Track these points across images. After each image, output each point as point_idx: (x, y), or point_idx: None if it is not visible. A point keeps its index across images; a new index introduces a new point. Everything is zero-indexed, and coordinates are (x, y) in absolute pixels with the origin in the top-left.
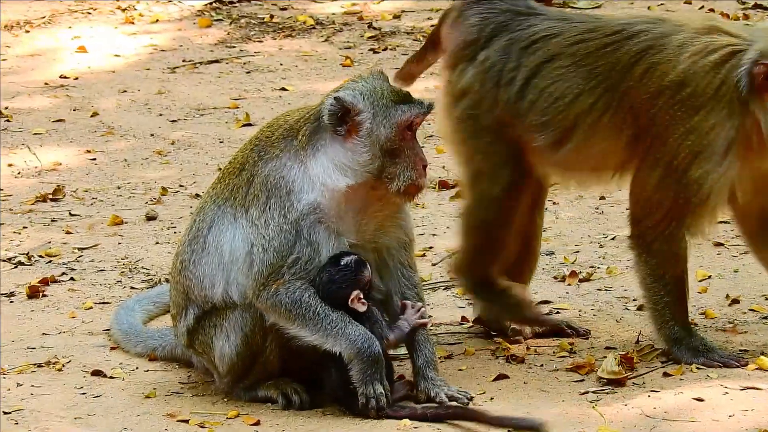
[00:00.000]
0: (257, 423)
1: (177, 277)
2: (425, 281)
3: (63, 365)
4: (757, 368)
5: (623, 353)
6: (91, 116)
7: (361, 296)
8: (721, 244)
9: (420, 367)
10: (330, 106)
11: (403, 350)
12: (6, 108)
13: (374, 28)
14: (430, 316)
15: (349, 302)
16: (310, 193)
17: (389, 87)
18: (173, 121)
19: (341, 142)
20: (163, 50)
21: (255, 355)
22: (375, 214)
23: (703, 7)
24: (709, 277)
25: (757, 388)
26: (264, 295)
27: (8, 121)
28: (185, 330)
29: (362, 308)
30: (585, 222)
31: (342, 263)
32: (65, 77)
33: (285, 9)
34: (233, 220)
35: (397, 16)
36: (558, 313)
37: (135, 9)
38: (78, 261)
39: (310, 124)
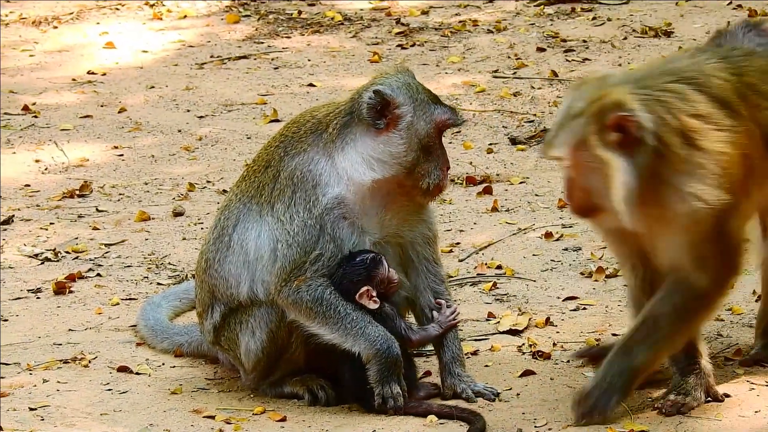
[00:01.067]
0: (283, 419)
1: (202, 276)
2: (452, 277)
3: (89, 361)
4: None
5: None
6: (119, 112)
7: (374, 294)
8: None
9: (447, 362)
10: (369, 100)
11: (429, 346)
12: (33, 104)
13: (402, 24)
14: (458, 313)
15: (357, 297)
16: (335, 186)
17: (421, 85)
18: (200, 117)
19: (373, 136)
20: (190, 46)
21: (280, 351)
22: (398, 209)
23: (731, 2)
24: None
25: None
26: (285, 291)
27: (36, 117)
28: (211, 327)
29: (373, 305)
30: None
31: (357, 259)
32: (93, 73)
33: (313, 5)
34: (258, 217)
35: (425, 12)
36: (585, 309)
37: (163, 5)
38: (105, 257)
39: (341, 117)
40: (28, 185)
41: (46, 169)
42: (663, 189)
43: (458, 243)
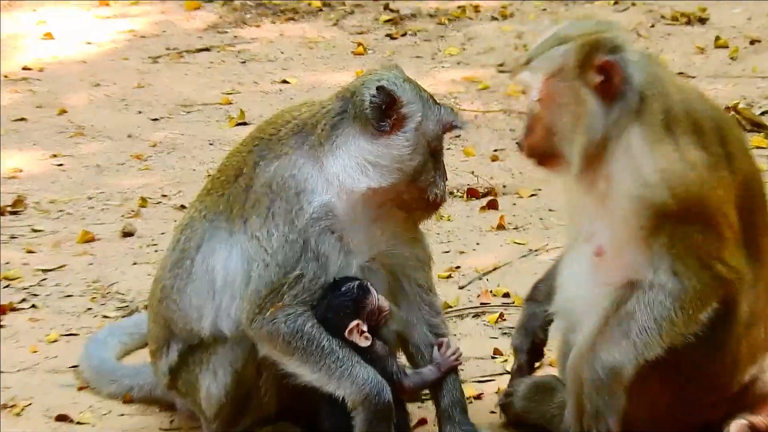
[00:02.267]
0: None
1: (157, 308)
2: (451, 307)
3: (22, 409)
4: None
5: None
6: (58, 114)
7: (364, 328)
8: None
9: (445, 408)
10: (373, 98)
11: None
12: None
13: (391, 10)
14: (459, 351)
15: (346, 333)
16: (323, 193)
17: (419, 86)
18: (154, 119)
19: (371, 138)
20: (143, 37)
21: (248, 395)
22: (390, 226)
23: None
24: None
25: None
26: (259, 321)
27: None
28: (167, 368)
29: (364, 342)
30: None
31: (342, 289)
32: (28, 69)
33: None
34: (228, 236)
35: None
36: None
37: None
38: (41, 285)
39: (331, 118)
40: None
41: None
42: (618, 159)
43: (458, 267)
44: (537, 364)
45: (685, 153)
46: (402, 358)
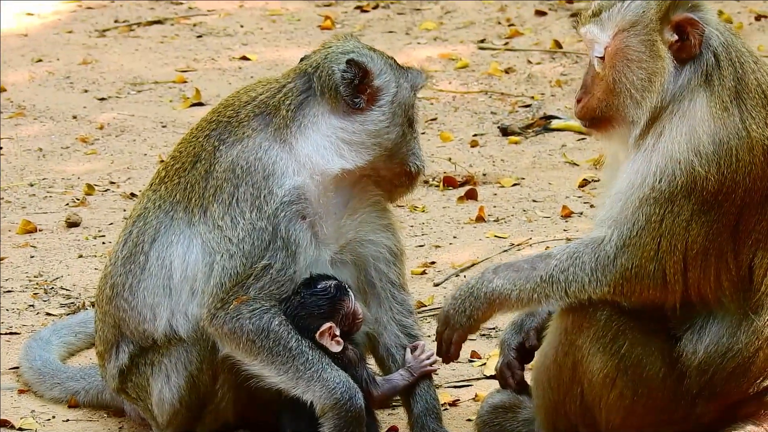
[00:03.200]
0: None
1: (106, 307)
2: (425, 306)
3: None
4: None
5: None
6: None
7: (337, 332)
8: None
9: (418, 415)
10: (345, 73)
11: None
12: None
13: None
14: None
15: (317, 335)
16: (295, 176)
17: (379, 51)
18: (102, 99)
19: (343, 116)
20: (89, 8)
21: (203, 400)
22: (362, 210)
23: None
24: None
25: None
26: (221, 316)
27: None
28: (116, 371)
29: (335, 347)
30: None
31: (319, 287)
32: None
33: None
34: (187, 227)
35: None
36: None
37: None
38: None
39: (295, 97)
40: None
41: None
42: (677, 120)
43: (433, 262)
44: (529, 366)
45: (750, 129)
46: (371, 361)
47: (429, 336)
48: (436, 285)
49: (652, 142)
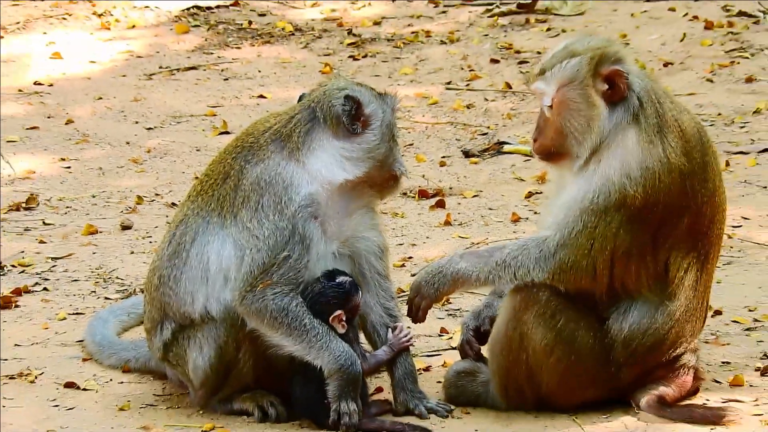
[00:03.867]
0: None
1: (154, 294)
2: (404, 292)
3: (36, 377)
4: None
5: None
6: (66, 123)
7: (344, 318)
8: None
9: (399, 378)
10: (344, 106)
11: None
12: None
13: (354, 35)
14: (411, 334)
15: (330, 319)
16: (309, 185)
17: (362, 83)
18: (149, 128)
19: (344, 138)
20: (139, 56)
21: (228, 367)
22: (357, 212)
23: (687, 14)
24: None
25: (739, 401)
26: (250, 297)
27: None
28: (161, 344)
29: (341, 330)
30: None
31: (337, 281)
32: (39, 84)
33: (264, 15)
34: (221, 229)
35: (377, 23)
36: None
37: (111, 14)
38: (52, 271)
39: (303, 125)
40: None
41: None
42: (612, 150)
43: (410, 257)
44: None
45: (670, 156)
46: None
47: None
48: (413, 275)
49: (593, 168)
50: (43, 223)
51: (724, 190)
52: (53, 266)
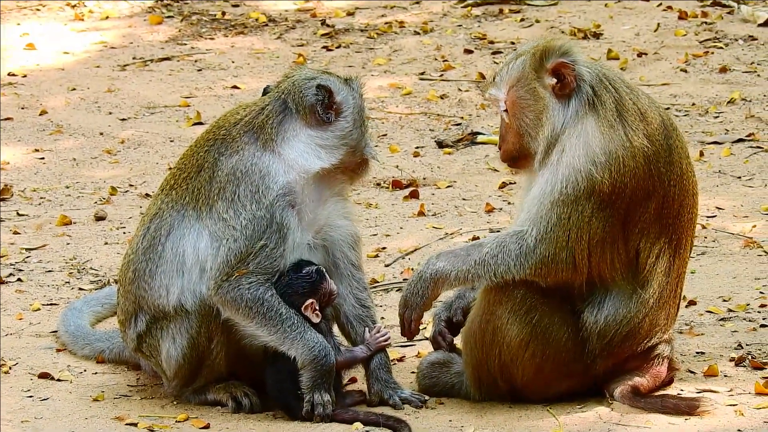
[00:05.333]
0: (207, 426)
1: (128, 287)
2: (378, 282)
3: (10, 368)
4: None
5: None
6: (40, 114)
7: (317, 307)
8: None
9: (373, 369)
10: (317, 96)
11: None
12: None
13: (327, 26)
14: (388, 334)
15: (302, 309)
16: (287, 174)
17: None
18: (123, 119)
19: (317, 127)
20: (113, 47)
21: (201, 358)
22: (330, 203)
23: (660, 4)
24: None
25: (713, 391)
26: (225, 287)
27: None
28: (135, 336)
29: (315, 319)
30: None
31: (304, 271)
32: (13, 75)
33: (237, 6)
34: (196, 222)
35: (350, 14)
36: None
37: (84, 5)
38: (26, 262)
39: (276, 116)
40: None
41: None
42: (574, 139)
43: (384, 248)
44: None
45: (632, 140)
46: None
47: (380, 306)
48: (387, 266)
49: (557, 159)
50: (17, 214)
51: (693, 175)
52: (27, 257)
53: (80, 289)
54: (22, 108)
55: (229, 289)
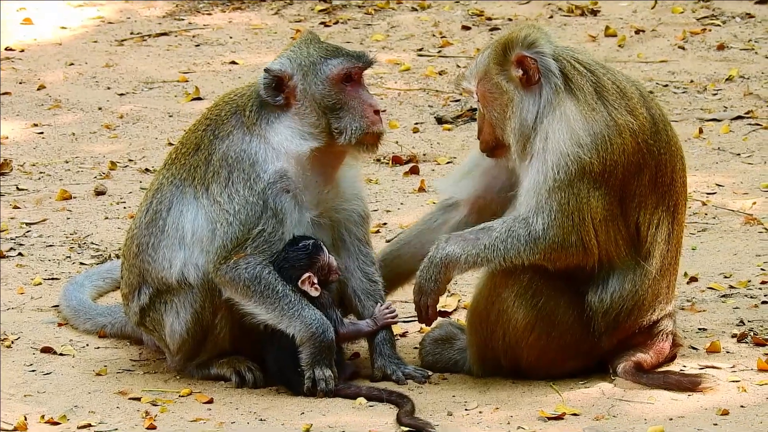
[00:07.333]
0: (210, 401)
1: (133, 260)
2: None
3: (12, 342)
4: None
5: None
6: (38, 89)
7: (315, 280)
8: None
9: (377, 344)
10: (263, 80)
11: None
12: None
13: (325, 1)
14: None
15: (300, 283)
16: (275, 162)
17: (318, 45)
18: (121, 94)
19: (288, 111)
20: (110, 22)
21: (205, 332)
22: (336, 183)
23: None
24: None
25: (715, 367)
26: (224, 268)
27: None
28: (138, 309)
29: (314, 293)
30: None
31: (300, 245)
32: (11, 49)
33: None
34: (193, 199)
35: None
36: None
37: None
38: (26, 236)
39: (255, 99)
40: None
41: None
42: (556, 123)
43: (385, 223)
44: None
45: (616, 118)
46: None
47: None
48: (388, 241)
49: (542, 146)
50: (17, 188)
51: (677, 138)
52: (28, 231)
53: (81, 263)
54: (20, 83)
55: (228, 270)
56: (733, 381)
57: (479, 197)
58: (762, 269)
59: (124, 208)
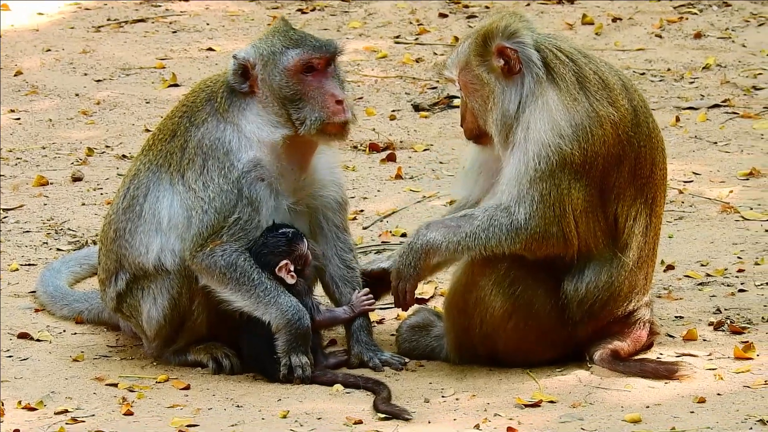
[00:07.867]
0: (187, 387)
1: (110, 246)
2: (356, 245)
3: None
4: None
5: None
6: (15, 75)
7: (291, 268)
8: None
9: (354, 331)
10: (231, 66)
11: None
12: None
13: None
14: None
15: (277, 270)
16: (249, 150)
17: (284, 33)
18: (98, 80)
19: (254, 98)
20: (87, 9)
21: (182, 318)
22: (313, 170)
23: None
24: None
25: (692, 355)
26: (200, 255)
27: None
28: (115, 295)
29: (290, 280)
30: None
31: (280, 231)
32: None
33: None
34: (169, 186)
35: None
36: None
37: None
38: (3, 222)
39: (226, 85)
40: None
41: None
42: (537, 113)
43: (362, 210)
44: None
45: (598, 110)
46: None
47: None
48: (365, 228)
49: (523, 136)
50: None
51: (659, 130)
52: (4, 217)
53: (58, 249)
54: None
55: (204, 258)
56: (710, 369)
57: (486, 191)
58: (738, 257)
59: (101, 194)
